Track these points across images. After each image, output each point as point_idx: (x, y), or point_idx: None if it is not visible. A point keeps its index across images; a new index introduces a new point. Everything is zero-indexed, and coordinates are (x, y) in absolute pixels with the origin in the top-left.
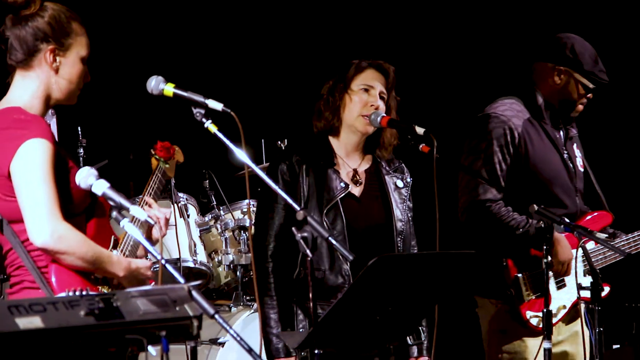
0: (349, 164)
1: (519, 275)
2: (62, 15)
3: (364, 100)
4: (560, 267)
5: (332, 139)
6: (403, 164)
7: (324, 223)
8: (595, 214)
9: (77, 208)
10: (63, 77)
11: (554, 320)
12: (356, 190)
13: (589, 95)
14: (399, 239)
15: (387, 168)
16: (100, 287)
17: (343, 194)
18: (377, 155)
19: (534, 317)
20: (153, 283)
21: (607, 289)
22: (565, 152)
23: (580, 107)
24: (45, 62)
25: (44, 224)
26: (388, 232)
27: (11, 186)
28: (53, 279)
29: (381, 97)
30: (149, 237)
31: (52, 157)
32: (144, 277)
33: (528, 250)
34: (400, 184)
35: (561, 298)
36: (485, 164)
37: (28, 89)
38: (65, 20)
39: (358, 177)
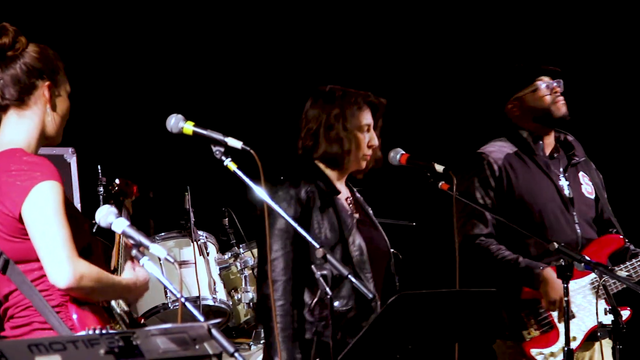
0: (343, 191)
1: (519, 314)
2: (49, 52)
3: (366, 141)
4: (552, 307)
5: (321, 165)
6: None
7: (353, 256)
8: (600, 239)
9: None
10: (58, 114)
11: None
12: (357, 217)
13: (553, 87)
14: (392, 264)
15: (359, 196)
16: (112, 324)
17: (355, 223)
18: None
19: (539, 355)
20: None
21: (627, 313)
22: (562, 180)
23: (558, 104)
24: (43, 98)
25: (65, 267)
26: (388, 258)
27: (20, 228)
28: (74, 317)
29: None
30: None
31: (64, 198)
32: (146, 285)
33: (519, 287)
34: (371, 212)
35: (571, 330)
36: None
37: (23, 128)
38: (52, 57)
39: (353, 205)
